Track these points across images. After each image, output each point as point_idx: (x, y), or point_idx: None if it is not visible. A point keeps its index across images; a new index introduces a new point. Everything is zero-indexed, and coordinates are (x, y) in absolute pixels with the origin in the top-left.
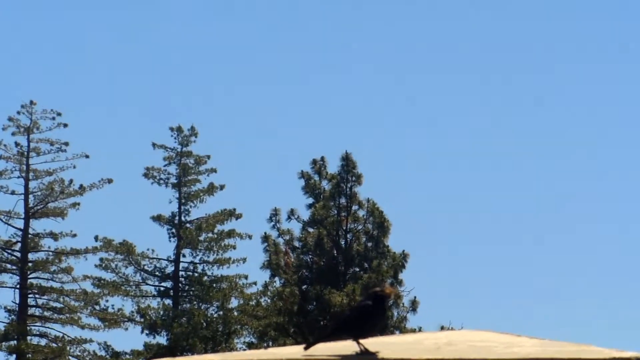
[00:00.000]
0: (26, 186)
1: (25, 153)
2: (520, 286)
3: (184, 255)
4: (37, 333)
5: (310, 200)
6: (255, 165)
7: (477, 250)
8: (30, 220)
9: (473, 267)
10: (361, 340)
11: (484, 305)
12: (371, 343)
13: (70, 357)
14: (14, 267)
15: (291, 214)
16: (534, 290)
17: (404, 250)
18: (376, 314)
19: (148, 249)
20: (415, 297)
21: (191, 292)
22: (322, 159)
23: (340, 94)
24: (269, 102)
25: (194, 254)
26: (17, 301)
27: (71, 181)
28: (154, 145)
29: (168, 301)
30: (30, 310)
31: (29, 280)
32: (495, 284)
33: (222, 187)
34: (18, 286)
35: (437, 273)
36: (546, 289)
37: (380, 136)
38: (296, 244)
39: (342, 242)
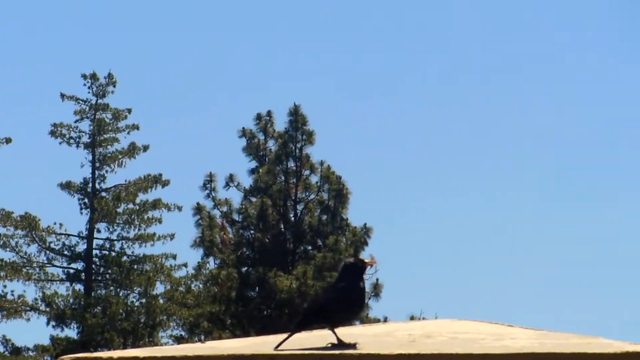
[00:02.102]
0: None
1: None
2: (508, 270)
3: (98, 231)
4: None
5: (254, 164)
6: (186, 121)
7: (455, 226)
8: None
9: (449, 245)
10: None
11: (462, 291)
12: (330, 335)
13: None
14: None
15: (230, 180)
16: (525, 274)
17: (365, 224)
18: (356, 295)
19: (55, 223)
20: (377, 280)
21: (107, 276)
22: (269, 114)
23: (288, 40)
24: (204, 47)
25: (111, 229)
26: None
27: None
28: (62, 96)
29: (79, 286)
30: None
31: None
32: (477, 267)
33: (145, 148)
34: None
35: (406, 252)
36: (540, 273)
37: (335, 87)
38: (235, 217)
39: (291, 215)
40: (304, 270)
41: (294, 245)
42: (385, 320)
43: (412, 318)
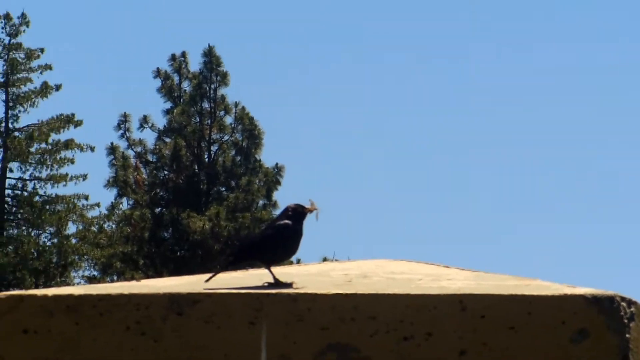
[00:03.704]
0: None
1: None
2: (432, 209)
3: (10, 170)
4: None
5: (169, 105)
6: (100, 61)
7: (371, 162)
8: None
9: (367, 183)
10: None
11: (381, 234)
12: (267, 275)
13: None
14: None
15: (144, 121)
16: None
17: (277, 164)
18: (295, 235)
19: None
20: None
21: (19, 215)
22: (184, 54)
23: None
24: None
25: (23, 169)
26: None
27: None
28: None
29: None
30: None
31: None
32: (395, 206)
33: (58, 88)
34: None
35: (320, 191)
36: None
37: (250, 26)
38: (150, 157)
39: (205, 156)
40: (217, 211)
41: (208, 187)
42: (299, 262)
43: (324, 260)
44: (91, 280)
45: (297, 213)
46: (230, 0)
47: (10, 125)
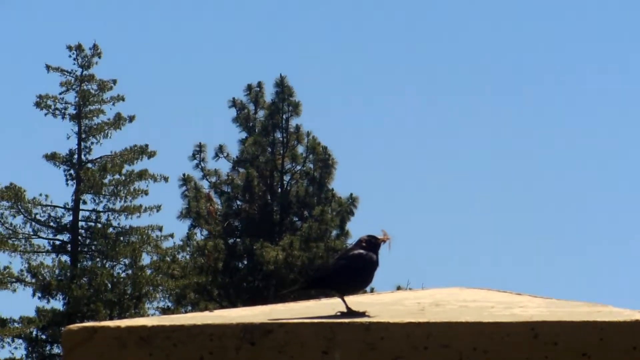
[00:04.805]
0: None
1: None
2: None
3: (84, 202)
4: None
5: (244, 135)
6: (174, 91)
7: (445, 193)
8: None
9: (439, 214)
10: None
11: (454, 261)
12: (339, 304)
13: None
14: None
15: (219, 150)
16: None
17: (352, 194)
18: (370, 265)
19: (41, 195)
20: None
21: (93, 247)
22: (259, 84)
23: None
24: (191, 12)
25: (97, 201)
26: None
27: None
28: (48, 67)
29: (65, 258)
30: None
31: None
32: (471, 236)
33: (131, 119)
34: None
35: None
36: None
37: (321, 57)
38: (224, 188)
39: (278, 186)
40: (291, 241)
41: (281, 216)
42: (372, 291)
43: (398, 288)
44: (165, 311)
45: (371, 244)
46: (303, 30)
47: (83, 157)
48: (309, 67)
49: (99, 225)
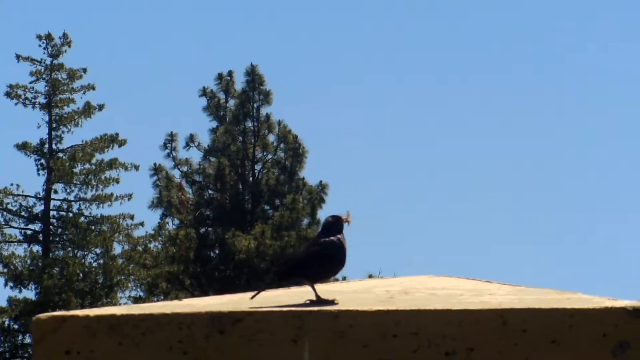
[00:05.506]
0: None
1: None
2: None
3: (55, 192)
4: None
5: (215, 124)
6: (144, 80)
7: (415, 181)
8: None
9: (410, 201)
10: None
11: (424, 249)
12: (309, 292)
13: None
14: None
15: (190, 140)
16: (494, 230)
17: (321, 182)
18: (342, 252)
19: (12, 184)
20: None
21: (64, 237)
22: (230, 73)
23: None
24: (162, 1)
25: (68, 190)
26: None
27: None
28: (17, 57)
29: (37, 247)
30: None
31: None
32: (441, 224)
33: (101, 108)
34: None
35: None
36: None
37: (292, 46)
38: (196, 177)
39: (249, 175)
40: (262, 229)
41: (252, 205)
42: (344, 279)
43: (370, 276)
44: (137, 300)
45: (336, 225)
46: (274, 19)
47: (54, 146)
48: (280, 56)
49: (70, 215)
